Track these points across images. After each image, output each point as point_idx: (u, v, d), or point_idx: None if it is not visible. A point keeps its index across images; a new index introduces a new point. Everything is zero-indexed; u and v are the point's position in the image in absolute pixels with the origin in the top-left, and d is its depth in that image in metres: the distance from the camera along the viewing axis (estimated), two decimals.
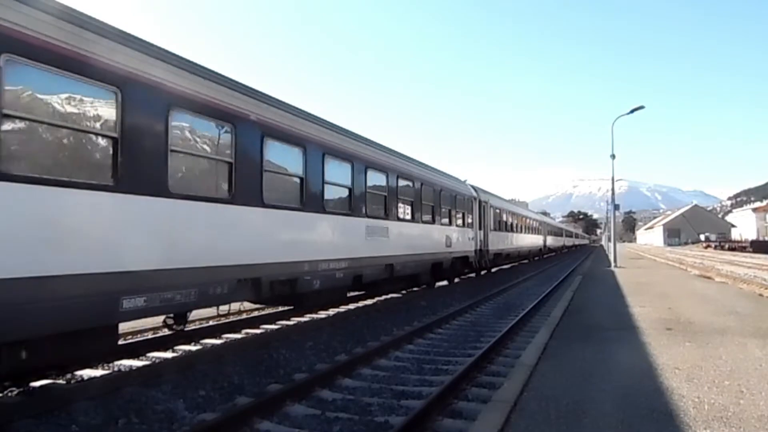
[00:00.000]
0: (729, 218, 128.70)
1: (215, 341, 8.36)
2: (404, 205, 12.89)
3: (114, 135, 5.22)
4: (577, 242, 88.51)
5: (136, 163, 5.45)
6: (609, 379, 5.16)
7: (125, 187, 5.30)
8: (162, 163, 5.79)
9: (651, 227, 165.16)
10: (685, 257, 42.53)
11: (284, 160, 8.23)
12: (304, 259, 8.39)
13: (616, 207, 28.30)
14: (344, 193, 10.02)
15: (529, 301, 13.32)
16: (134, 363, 6.87)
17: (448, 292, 15.53)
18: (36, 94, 4.69)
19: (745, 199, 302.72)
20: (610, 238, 34.12)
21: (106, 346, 5.89)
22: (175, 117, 6.03)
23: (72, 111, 4.96)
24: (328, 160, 9.27)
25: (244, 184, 7.07)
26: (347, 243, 9.90)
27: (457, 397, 5.56)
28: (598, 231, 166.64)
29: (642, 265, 29.47)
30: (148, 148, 5.64)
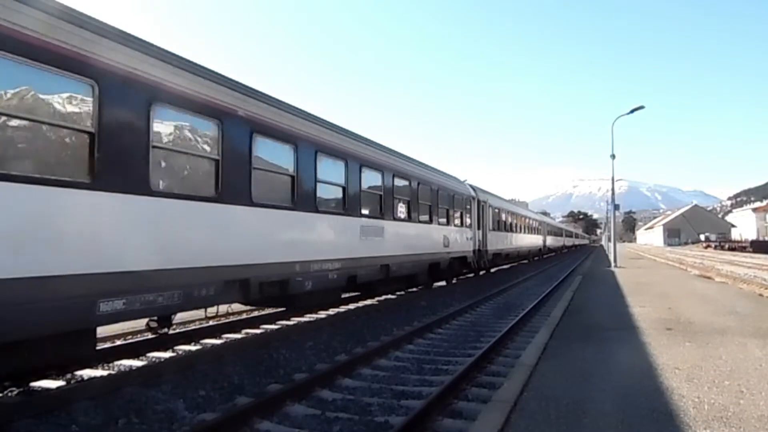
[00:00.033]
0: (729, 218, 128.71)
1: (215, 341, 8.36)
2: (400, 205, 12.71)
3: (90, 130, 5.01)
4: (577, 242, 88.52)
5: (115, 160, 5.24)
6: (609, 379, 5.17)
7: (102, 185, 5.09)
8: (143, 159, 5.58)
9: (651, 227, 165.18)
10: (685, 257, 42.54)
11: (275, 158, 8.00)
12: (296, 260, 8.18)
13: (616, 207, 28.31)
14: (338, 192, 9.83)
15: (529, 301, 13.32)
16: (134, 363, 6.87)
17: (448, 292, 15.52)
18: (3, 87, 4.45)
19: (745, 199, 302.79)
20: (610, 238, 34.12)
21: (82, 352, 5.65)
22: (158, 112, 5.82)
23: (44, 105, 4.77)
24: (321, 158, 9.08)
25: (232, 183, 6.86)
26: (341, 243, 9.72)
27: (457, 397, 5.56)
28: (598, 231, 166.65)
29: (642, 265, 29.47)
30: (128, 144, 5.42)
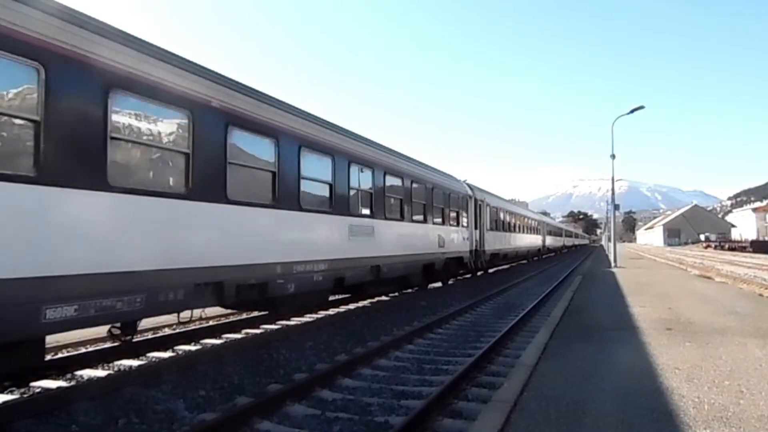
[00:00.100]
0: (729, 218, 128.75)
1: (215, 341, 8.36)
2: (393, 203, 12.34)
3: (35, 118, 4.58)
4: (577, 242, 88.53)
5: (64, 151, 4.81)
6: (609, 379, 5.17)
7: (49, 179, 4.66)
8: (99, 151, 5.12)
9: (651, 227, 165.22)
10: (685, 257, 42.54)
11: (253, 153, 7.57)
12: (277, 261, 7.73)
13: (616, 207, 28.33)
14: (324, 190, 9.40)
15: (529, 301, 13.31)
16: (134, 363, 6.88)
17: (447, 293, 15.52)
18: None
19: (745, 199, 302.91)
20: (610, 238, 34.13)
21: (29, 363, 5.27)
22: (117, 100, 5.38)
23: None
24: (305, 153, 8.66)
25: (204, 178, 6.42)
26: (327, 243, 9.31)
27: (457, 397, 5.55)
28: (598, 231, 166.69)
29: (642, 265, 29.48)
30: (81, 134, 4.99)
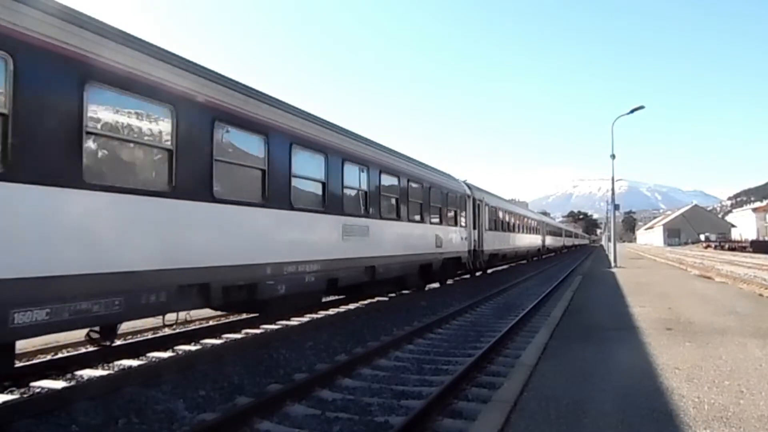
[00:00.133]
0: (729, 218, 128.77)
1: (215, 341, 8.36)
2: (388, 203, 12.09)
3: (3, 111, 4.41)
4: (576, 242, 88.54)
5: (35, 147, 4.63)
6: (609, 379, 5.17)
7: (18, 176, 4.45)
8: (73, 147, 4.89)
9: (651, 227, 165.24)
10: (685, 257, 42.55)
11: (242, 150, 7.33)
12: (266, 262, 7.49)
13: (616, 207, 28.34)
14: (317, 189, 9.15)
15: (529, 301, 13.31)
16: (134, 363, 6.88)
17: (447, 293, 15.52)
18: None
19: (745, 199, 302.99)
20: (610, 238, 34.13)
21: None
22: (94, 93, 5.12)
23: None
24: (297, 151, 8.39)
25: (189, 176, 6.18)
26: (320, 243, 9.07)
27: (457, 397, 5.55)
28: (598, 231, 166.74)
29: (642, 265, 29.48)
30: (53, 128, 4.78)
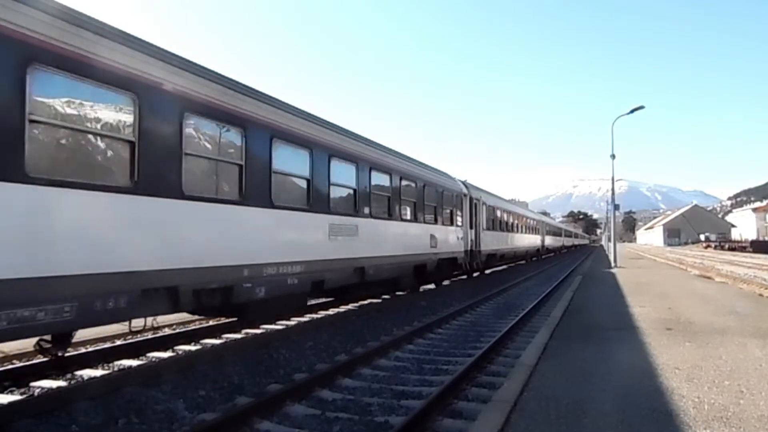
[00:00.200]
0: (729, 218, 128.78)
1: (215, 341, 8.36)
2: (379, 201, 11.63)
3: None
4: (576, 242, 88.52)
5: None
6: (609, 379, 5.17)
7: None
8: (14, 137, 4.44)
9: (651, 227, 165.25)
10: (685, 257, 42.55)
11: (215, 143, 6.93)
12: (243, 263, 7.06)
13: (616, 207, 28.33)
14: (301, 186, 8.73)
15: (529, 301, 13.32)
16: (134, 363, 6.88)
17: (447, 293, 15.52)
18: None
19: (745, 199, 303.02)
20: (610, 238, 34.13)
21: None
22: (39, 78, 4.67)
23: None
24: (278, 146, 7.95)
25: (153, 171, 5.74)
26: (304, 243, 8.64)
27: (457, 397, 5.56)
28: (598, 231, 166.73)
29: (642, 265, 29.48)
30: None
